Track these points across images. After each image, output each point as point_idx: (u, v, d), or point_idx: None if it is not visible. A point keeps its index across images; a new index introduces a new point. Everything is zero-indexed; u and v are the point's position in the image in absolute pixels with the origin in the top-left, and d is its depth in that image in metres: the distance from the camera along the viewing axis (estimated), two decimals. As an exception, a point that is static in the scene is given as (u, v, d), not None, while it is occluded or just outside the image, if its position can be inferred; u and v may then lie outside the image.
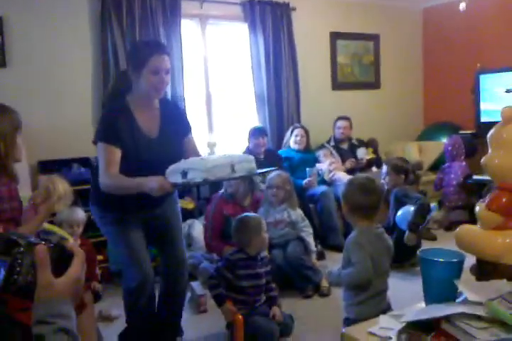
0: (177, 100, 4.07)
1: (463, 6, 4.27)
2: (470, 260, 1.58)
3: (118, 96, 2.09)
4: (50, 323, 0.79)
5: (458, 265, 1.41)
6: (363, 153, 4.63)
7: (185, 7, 4.16)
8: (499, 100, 4.69)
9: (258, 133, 4.12)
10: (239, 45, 4.68)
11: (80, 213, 2.60)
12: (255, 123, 4.58)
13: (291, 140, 4.40)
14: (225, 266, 2.45)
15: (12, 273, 0.80)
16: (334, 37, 5.26)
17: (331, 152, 4.56)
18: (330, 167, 4.31)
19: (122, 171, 1.95)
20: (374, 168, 4.62)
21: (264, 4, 4.58)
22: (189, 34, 4.37)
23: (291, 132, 4.43)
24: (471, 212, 3.49)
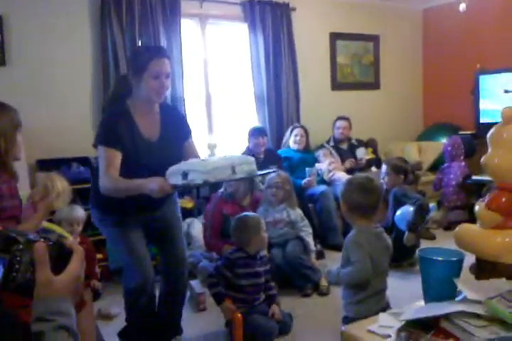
0: (177, 102, 4.07)
1: (463, 7, 4.28)
2: (469, 259, 1.59)
3: (118, 100, 2.09)
4: (50, 321, 0.79)
5: (457, 264, 1.41)
6: (363, 153, 4.64)
7: (184, 6, 4.15)
8: (499, 101, 4.69)
9: (258, 133, 4.12)
10: (239, 45, 4.67)
11: (80, 211, 2.60)
12: (255, 123, 4.58)
13: (290, 140, 4.40)
14: (225, 265, 2.46)
15: (11, 270, 0.79)
16: (334, 37, 5.26)
17: (331, 152, 4.56)
18: (329, 167, 4.31)
19: (122, 175, 1.94)
20: (373, 168, 4.62)
21: (264, 4, 4.58)
22: (189, 34, 4.36)
23: (290, 132, 4.43)
24: (470, 212, 3.51)
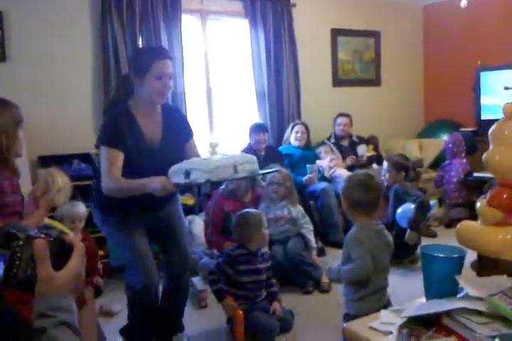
0: (177, 98, 4.07)
1: (464, 3, 4.25)
2: (471, 256, 1.58)
3: (120, 102, 2.09)
4: (51, 316, 0.79)
5: (459, 260, 1.41)
6: (364, 150, 4.63)
7: (185, 2, 4.14)
8: (500, 97, 4.68)
9: (259, 129, 4.11)
10: (239, 41, 4.66)
11: (81, 208, 2.60)
12: (256, 119, 4.57)
13: (291, 136, 4.40)
14: (226, 262, 2.46)
15: (12, 266, 0.79)
16: (335, 33, 5.24)
17: (332, 149, 4.56)
18: (330, 163, 4.31)
19: (124, 175, 1.94)
20: (374, 165, 4.61)
21: (264, 0, 4.56)
22: (190, 29, 4.35)
23: (291, 129, 4.42)
24: (472, 210, 3.50)
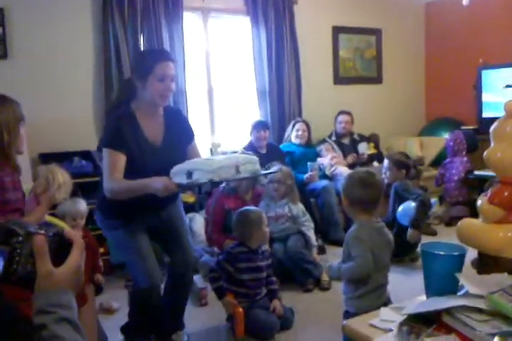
0: (179, 95, 4.06)
1: (466, 1, 4.24)
2: (471, 254, 1.58)
3: (122, 104, 2.10)
4: (51, 312, 0.78)
5: (459, 258, 1.40)
6: (365, 148, 4.63)
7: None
8: (501, 95, 4.67)
9: (260, 126, 4.11)
10: (241, 39, 4.66)
11: (83, 205, 2.59)
12: (257, 117, 4.56)
13: (292, 134, 4.39)
14: (226, 259, 2.46)
15: (11, 263, 0.79)
16: (336, 31, 5.23)
17: (333, 147, 4.55)
18: (331, 161, 4.30)
19: (126, 178, 1.95)
20: (375, 163, 4.61)
21: (266, -2, 4.56)
22: (191, 27, 4.34)
23: (292, 126, 4.42)
24: (472, 208, 3.49)
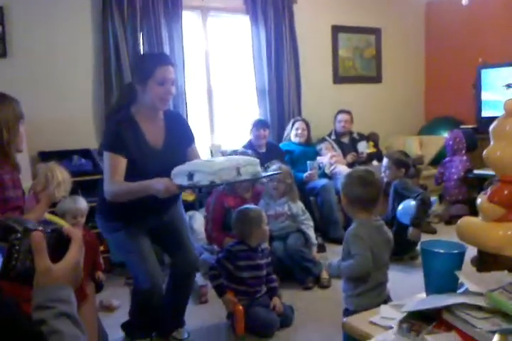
0: (178, 95, 4.05)
1: (465, 1, 4.24)
2: (471, 252, 1.59)
3: (122, 108, 2.10)
4: (50, 308, 0.78)
5: (459, 256, 1.41)
6: (364, 147, 4.63)
7: (186, -2, 4.14)
8: (501, 95, 4.68)
9: (260, 124, 4.11)
10: (240, 38, 4.66)
11: (83, 202, 2.59)
12: (256, 116, 4.56)
13: (292, 133, 4.40)
14: (226, 257, 2.47)
15: (10, 259, 0.80)
16: (336, 30, 5.23)
17: (332, 145, 4.56)
18: (331, 160, 4.31)
19: (127, 181, 1.95)
20: (375, 162, 4.61)
21: (265, -3, 4.56)
22: (190, 26, 4.34)
23: (292, 125, 4.42)
24: (472, 207, 3.51)
